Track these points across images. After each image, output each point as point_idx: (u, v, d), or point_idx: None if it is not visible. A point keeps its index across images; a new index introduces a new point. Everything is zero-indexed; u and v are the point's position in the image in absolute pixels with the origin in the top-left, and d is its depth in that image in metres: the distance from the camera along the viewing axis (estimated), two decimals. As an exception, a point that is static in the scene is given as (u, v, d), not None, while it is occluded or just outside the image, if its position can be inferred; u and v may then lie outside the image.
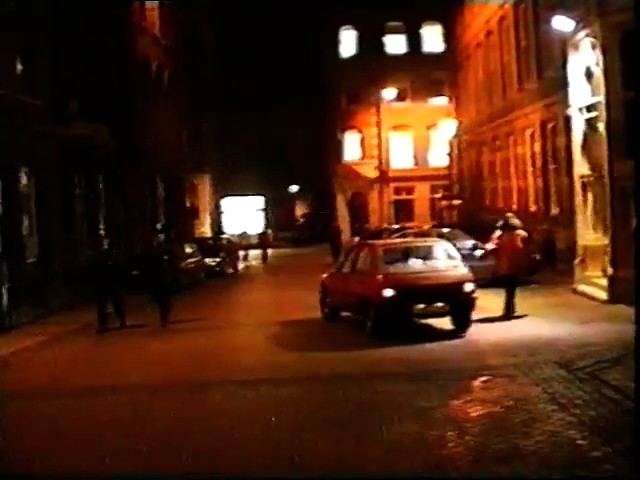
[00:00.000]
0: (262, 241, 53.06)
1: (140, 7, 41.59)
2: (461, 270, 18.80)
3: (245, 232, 56.69)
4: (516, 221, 21.54)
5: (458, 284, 18.18)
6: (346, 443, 10.12)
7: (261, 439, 10.58)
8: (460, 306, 18.20)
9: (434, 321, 18.96)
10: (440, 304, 18.06)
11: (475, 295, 18.48)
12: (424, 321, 19.19)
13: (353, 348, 17.27)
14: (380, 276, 18.31)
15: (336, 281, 21.42)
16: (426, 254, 19.49)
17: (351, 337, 18.87)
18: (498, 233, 21.17)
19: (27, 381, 15.70)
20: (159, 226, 38.93)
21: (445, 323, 18.57)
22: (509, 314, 20.10)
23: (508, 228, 21.09)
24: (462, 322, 18.28)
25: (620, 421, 10.23)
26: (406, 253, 19.51)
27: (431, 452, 9.52)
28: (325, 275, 22.81)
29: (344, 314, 20.89)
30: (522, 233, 21.21)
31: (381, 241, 23.23)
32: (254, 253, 52.20)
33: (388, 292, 17.77)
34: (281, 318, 22.45)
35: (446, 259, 19.24)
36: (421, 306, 18.03)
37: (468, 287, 18.24)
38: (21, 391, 14.44)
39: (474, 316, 18.57)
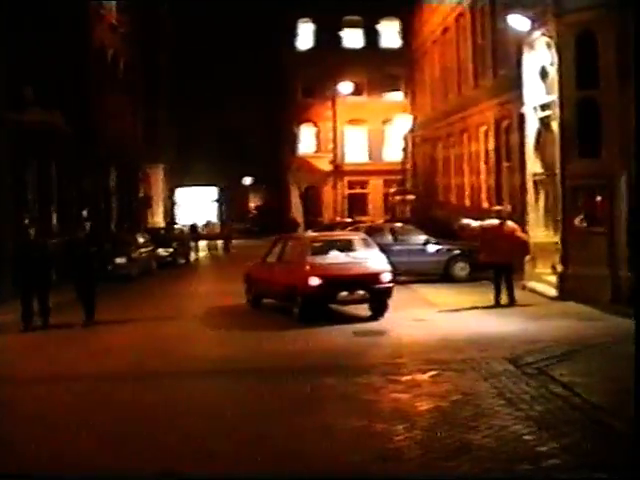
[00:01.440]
0: (224, 231, 53.87)
1: (97, -7, 41.27)
2: (379, 261, 20.43)
3: (210, 221, 57.22)
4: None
5: (377, 274, 19.91)
6: (293, 436, 10.14)
7: (207, 428, 10.61)
8: (379, 294, 19.83)
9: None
10: (361, 292, 19.63)
11: (392, 284, 20.13)
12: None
13: (295, 342, 17.30)
14: (307, 266, 19.67)
15: (262, 270, 22.62)
16: (348, 246, 21.14)
17: (286, 329, 18.93)
18: (491, 222, 21.50)
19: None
20: (85, 213, 34.80)
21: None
22: (512, 301, 20.75)
23: (501, 219, 21.54)
24: (379, 309, 19.94)
25: (567, 417, 10.35)
26: (330, 245, 21.13)
27: (379, 446, 9.56)
28: (250, 264, 24.16)
29: (266, 301, 22.22)
30: (514, 225, 21.62)
31: (307, 234, 24.18)
32: (206, 243, 52.29)
33: (314, 281, 19.21)
34: (222, 307, 23.67)
35: (366, 251, 20.87)
36: (344, 294, 19.54)
37: (386, 277, 19.95)
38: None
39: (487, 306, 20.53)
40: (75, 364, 15.66)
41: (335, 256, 20.50)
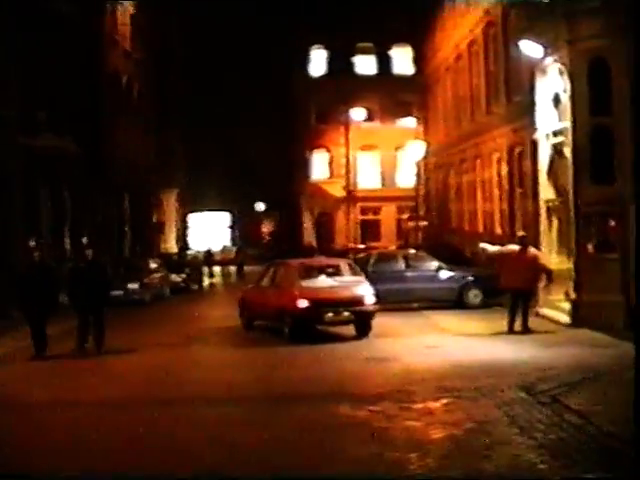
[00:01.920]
0: (238, 257, 53.56)
1: (112, 20, 41.51)
2: (364, 286, 21.94)
3: (226, 246, 57.13)
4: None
5: (361, 297, 21.39)
6: (305, 464, 10.07)
7: (214, 454, 10.55)
8: (362, 315, 21.23)
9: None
10: (346, 313, 21.09)
11: (374, 307, 21.46)
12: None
13: (307, 368, 17.24)
14: (296, 290, 21.18)
15: (255, 294, 24.16)
16: (335, 272, 22.67)
17: (299, 355, 18.93)
18: (512, 247, 21.48)
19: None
20: (85, 240, 32.28)
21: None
22: (525, 329, 20.75)
23: (524, 245, 21.45)
24: (363, 329, 21.31)
25: (581, 445, 10.26)
26: (318, 271, 22.73)
27: (391, 473, 9.49)
28: (244, 289, 26.12)
29: (257, 323, 23.60)
30: (536, 252, 21.69)
31: (297, 260, 25.62)
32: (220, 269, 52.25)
33: (303, 303, 20.68)
34: (233, 331, 23.92)
35: (351, 276, 22.52)
36: (330, 315, 21.00)
37: (369, 300, 21.35)
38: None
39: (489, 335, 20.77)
40: (85, 391, 15.60)
41: (322, 280, 22.04)
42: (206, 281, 45.66)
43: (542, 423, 11.35)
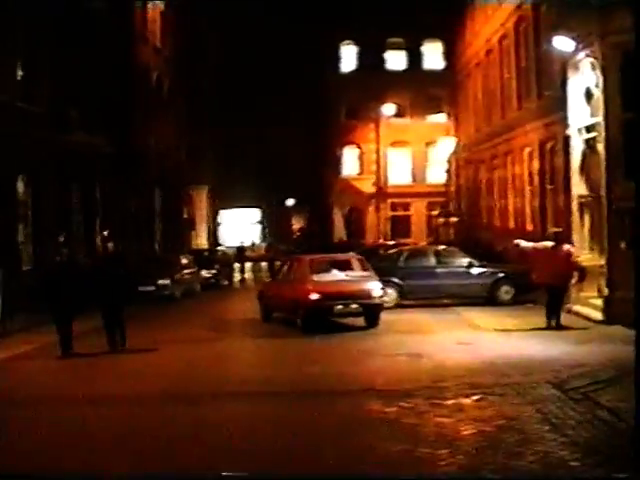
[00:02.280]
0: (269, 253, 53.31)
1: (142, 17, 41.65)
2: (372, 279, 23.21)
3: (255, 243, 57.04)
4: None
5: (369, 290, 22.68)
6: (336, 459, 10.06)
7: (253, 454, 10.55)
8: (370, 307, 22.66)
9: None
10: (354, 305, 22.51)
11: (383, 299, 23.17)
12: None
13: (337, 364, 17.24)
14: (308, 283, 22.50)
15: (272, 288, 26.10)
16: (345, 266, 24.05)
17: (329, 352, 18.90)
18: (546, 243, 21.68)
19: (18, 389, 15.58)
20: (106, 234, 32.26)
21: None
22: (558, 323, 20.85)
23: (558, 242, 21.45)
24: (372, 320, 22.64)
25: (613, 443, 10.19)
26: (329, 265, 24.16)
27: (423, 470, 9.46)
28: (263, 283, 28.34)
29: (276, 314, 24.77)
30: (569, 249, 21.62)
31: (309, 256, 26.39)
32: (251, 265, 52.27)
33: (314, 296, 22.05)
34: (262, 325, 24.73)
35: (360, 271, 23.68)
36: (340, 307, 22.49)
37: (377, 293, 22.76)
38: (13, 398, 14.35)
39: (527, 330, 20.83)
40: (111, 387, 15.68)
41: (333, 274, 23.38)
42: (237, 277, 45.65)
43: (574, 420, 11.28)
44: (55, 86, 29.15)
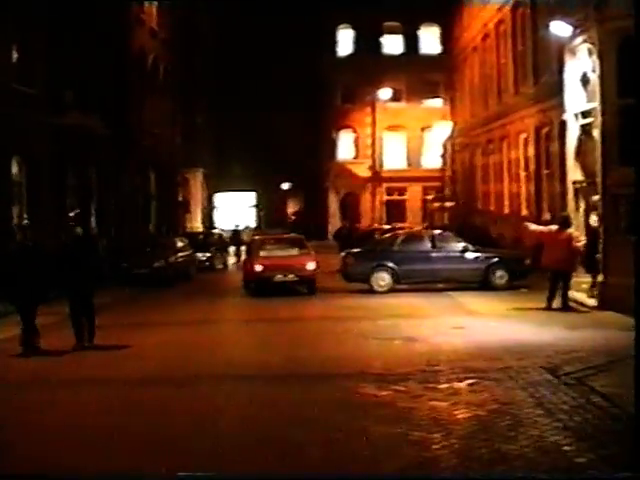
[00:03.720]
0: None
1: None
2: (307, 256, 28.75)
3: (248, 226, 56.94)
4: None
5: (303, 264, 28.06)
6: (331, 443, 10.08)
7: (243, 435, 10.58)
8: (304, 278, 28.13)
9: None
10: (291, 276, 27.90)
11: (316, 272, 28.26)
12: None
13: (331, 348, 17.28)
14: (256, 258, 28.70)
15: (245, 262, 31.49)
16: (287, 245, 30.40)
17: (323, 335, 18.94)
18: (552, 227, 22.03)
19: (9, 372, 15.56)
20: (73, 214, 29.31)
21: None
22: (565, 305, 21.20)
23: (561, 225, 21.75)
24: (310, 288, 28.07)
25: (606, 428, 10.22)
26: (275, 243, 30.81)
27: (416, 453, 9.48)
28: (243, 260, 34.30)
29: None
30: (572, 233, 21.81)
31: (261, 236, 35.25)
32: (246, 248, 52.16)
33: (259, 267, 28.00)
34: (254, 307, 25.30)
35: (300, 249, 29.53)
36: (279, 276, 27.83)
37: (310, 266, 28.10)
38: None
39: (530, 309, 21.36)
40: (111, 367, 15.69)
41: (276, 252, 29.41)
42: (232, 260, 45.57)
43: (567, 405, 11.31)
44: (51, 68, 29.07)
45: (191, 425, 11.17)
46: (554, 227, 22.04)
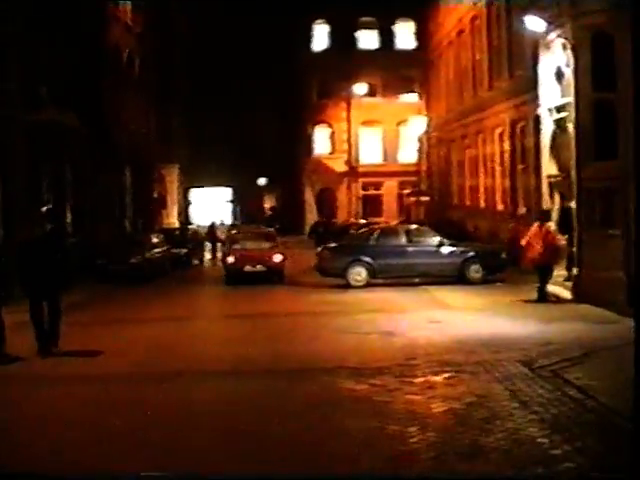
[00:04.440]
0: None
1: (113, -6, 41.33)
2: (275, 249, 31.42)
3: (223, 222, 56.50)
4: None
5: (270, 255, 30.76)
6: (307, 438, 10.11)
7: (220, 431, 10.59)
8: (272, 268, 30.55)
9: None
10: (259, 266, 30.42)
11: (282, 263, 30.75)
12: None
13: (308, 343, 17.30)
14: (228, 250, 32.10)
15: (223, 256, 33.83)
16: (258, 238, 33.34)
17: (301, 330, 18.95)
18: (535, 225, 22.19)
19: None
20: (45, 210, 27.84)
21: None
22: (544, 298, 21.48)
23: (540, 220, 22.10)
24: (279, 278, 30.32)
25: (581, 420, 10.29)
26: (246, 237, 33.76)
27: (392, 447, 9.52)
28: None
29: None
30: (549, 228, 22.16)
31: (233, 231, 39.18)
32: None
33: (231, 259, 30.90)
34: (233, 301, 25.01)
35: (269, 242, 32.39)
36: (249, 267, 30.40)
37: (277, 258, 30.69)
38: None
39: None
40: (89, 365, 15.62)
41: (247, 245, 32.10)
42: (208, 256, 45.43)
43: (543, 397, 11.38)
44: (24, 63, 28.87)
45: (168, 421, 11.17)
46: (536, 224, 22.12)
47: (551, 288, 22.56)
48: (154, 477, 8.79)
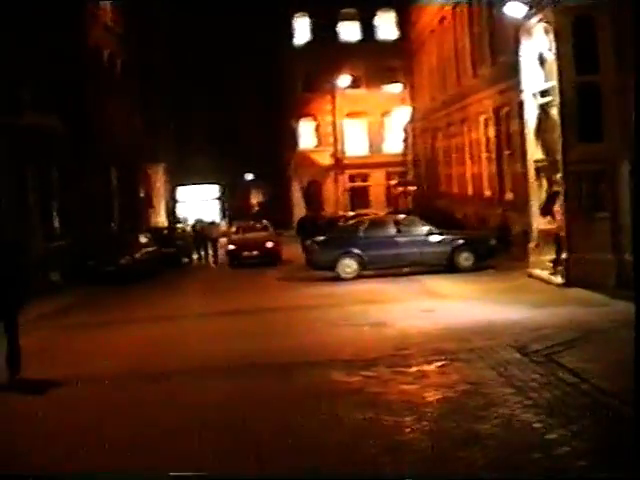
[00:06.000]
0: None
1: (92, -5, 41.16)
2: (269, 237, 37.88)
3: (214, 221, 56.20)
4: None
5: (264, 242, 36.81)
6: (304, 431, 10.10)
7: (216, 426, 10.57)
8: (267, 253, 36.32)
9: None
10: (255, 252, 36.37)
11: (276, 249, 36.71)
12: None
13: (301, 336, 17.28)
14: (229, 239, 38.98)
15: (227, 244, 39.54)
16: (255, 229, 39.68)
17: (293, 324, 18.94)
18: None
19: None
20: None
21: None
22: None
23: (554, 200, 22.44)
24: (274, 263, 35.20)
25: (576, 403, 10.31)
26: (245, 228, 40.09)
27: (389, 438, 9.51)
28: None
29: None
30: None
31: (233, 228, 43.82)
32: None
33: (231, 246, 37.49)
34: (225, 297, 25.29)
35: (266, 231, 39.13)
36: (246, 253, 36.48)
37: (269, 244, 36.62)
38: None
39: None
40: (82, 365, 15.58)
41: (245, 234, 38.54)
42: (195, 255, 45.23)
43: (537, 382, 11.40)
44: (5, 67, 28.75)
45: (167, 419, 11.15)
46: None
47: (540, 272, 22.60)
48: (154, 477, 8.79)
